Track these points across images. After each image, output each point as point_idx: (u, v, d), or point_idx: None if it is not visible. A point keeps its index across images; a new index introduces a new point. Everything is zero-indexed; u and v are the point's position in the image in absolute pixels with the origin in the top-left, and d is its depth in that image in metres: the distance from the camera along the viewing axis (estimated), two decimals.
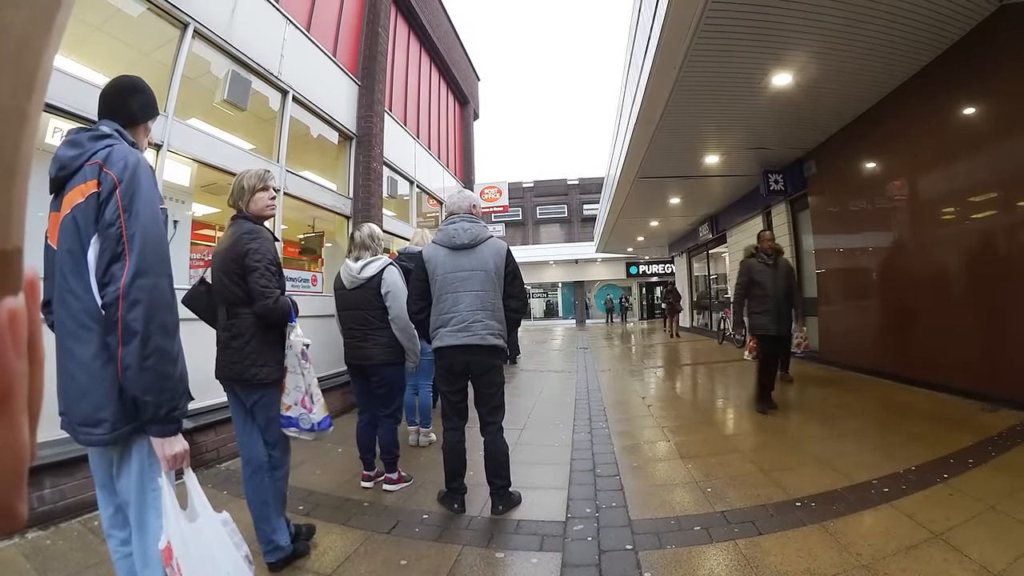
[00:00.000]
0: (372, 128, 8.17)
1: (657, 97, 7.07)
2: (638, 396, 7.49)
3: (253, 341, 2.71)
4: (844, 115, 7.92)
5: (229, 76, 5.48)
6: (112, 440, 1.65)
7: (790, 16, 5.19)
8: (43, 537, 3.08)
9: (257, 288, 2.66)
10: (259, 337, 2.73)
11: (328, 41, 7.57)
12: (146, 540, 1.70)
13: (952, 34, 5.64)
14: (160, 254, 1.65)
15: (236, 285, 2.70)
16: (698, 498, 3.53)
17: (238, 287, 2.70)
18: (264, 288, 2.66)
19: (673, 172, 10.98)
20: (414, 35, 11.23)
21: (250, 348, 2.70)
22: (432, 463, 4.31)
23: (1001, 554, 2.51)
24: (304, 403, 2.79)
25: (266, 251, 2.73)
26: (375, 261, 3.86)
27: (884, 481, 3.53)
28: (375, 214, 7.99)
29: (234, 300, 2.72)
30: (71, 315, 1.63)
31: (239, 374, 2.70)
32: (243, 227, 2.76)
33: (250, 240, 2.70)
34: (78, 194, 1.64)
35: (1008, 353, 5.33)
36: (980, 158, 5.64)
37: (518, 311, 3.54)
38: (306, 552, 2.89)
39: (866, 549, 2.67)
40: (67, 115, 3.75)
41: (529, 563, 2.78)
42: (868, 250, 8.15)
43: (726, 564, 2.66)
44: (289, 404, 2.78)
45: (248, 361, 2.69)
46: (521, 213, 38.14)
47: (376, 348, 3.78)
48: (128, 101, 1.89)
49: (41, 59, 0.27)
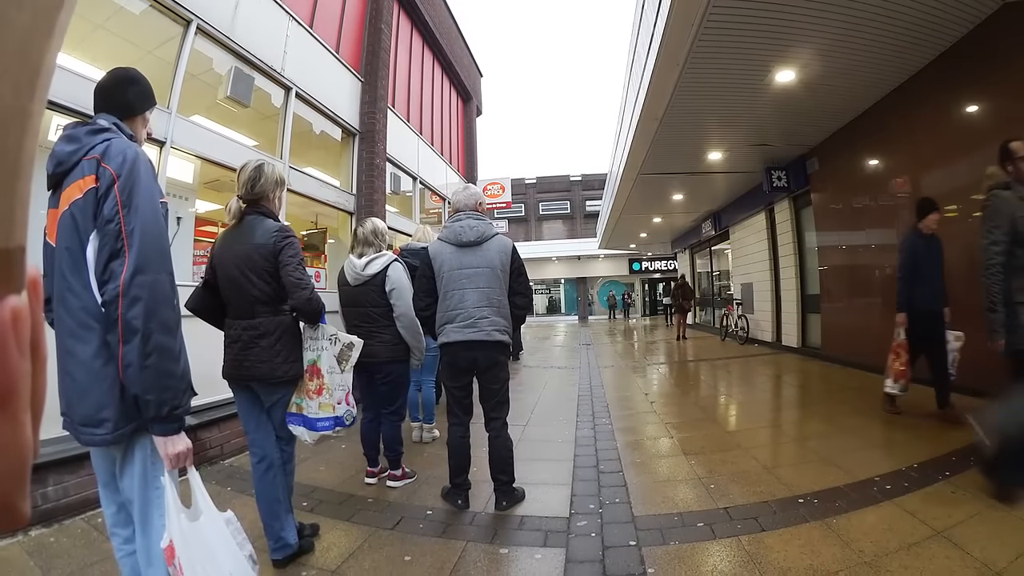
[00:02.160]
0: (375, 124, 8.17)
1: (660, 94, 7.06)
2: (641, 392, 7.49)
3: (284, 338, 2.70)
4: (847, 112, 7.89)
5: (232, 73, 5.48)
6: (114, 440, 1.64)
7: (793, 13, 5.18)
8: (47, 534, 3.10)
9: (293, 280, 2.63)
10: (289, 334, 2.73)
11: (331, 37, 7.56)
12: (150, 538, 1.70)
13: (955, 32, 5.61)
14: (160, 249, 1.63)
15: (265, 283, 2.66)
16: (701, 494, 3.53)
17: (267, 284, 2.66)
18: (300, 280, 2.64)
19: (676, 169, 10.97)
20: (416, 31, 11.21)
21: (280, 346, 2.68)
22: (436, 459, 4.32)
23: (1003, 552, 2.50)
24: (348, 399, 2.81)
25: (299, 247, 2.73)
26: (379, 258, 3.82)
27: (886, 478, 3.53)
28: (378, 210, 7.99)
29: (262, 298, 2.67)
30: (71, 313, 1.61)
31: (268, 373, 2.66)
32: (268, 223, 2.72)
33: (283, 237, 2.67)
34: (76, 190, 1.62)
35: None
36: (983, 156, 5.60)
37: (523, 308, 3.54)
38: (311, 549, 2.90)
39: (868, 546, 2.66)
40: (70, 112, 3.75)
41: (533, 559, 2.79)
42: (871, 247, 8.13)
43: (729, 560, 2.66)
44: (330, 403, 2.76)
45: (280, 359, 2.67)
46: (524, 209, 38.15)
47: (380, 345, 3.75)
48: (125, 92, 1.86)
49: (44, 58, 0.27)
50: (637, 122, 8.48)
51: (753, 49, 5.89)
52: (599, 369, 10.06)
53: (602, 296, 35.95)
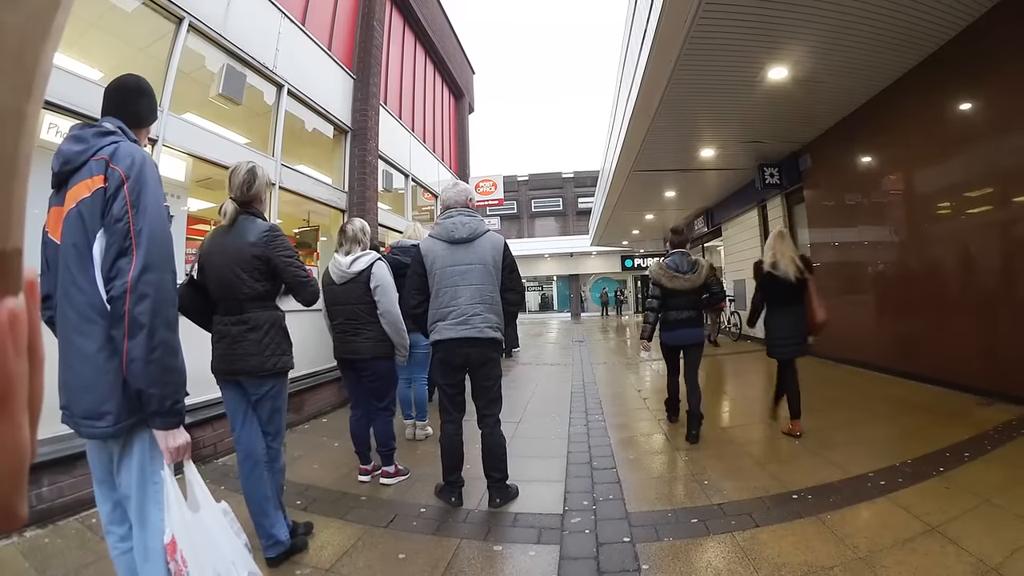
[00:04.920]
0: (367, 122, 8.14)
1: (653, 90, 7.06)
2: (634, 389, 7.53)
3: (272, 331, 2.77)
4: (840, 109, 7.91)
5: (224, 70, 5.44)
6: (115, 433, 1.66)
7: (786, 10, 5.18)
8: (41, 535, 3.07)
9: (300, 279, 2.80)
10: (277, 328, 2.80)
11: (323, 35, 7.53)
12: (147, 534, 1.71)
13: (949, 29, 5.64)
14: (166, 250, 1.68)
15: (255, 280, 2.73)
16: (695, 490, 3.55)
17: (258, 282, 2.74)
18: (306, 279, 2.81)
19: (669, 165, 10.97)
20: (409, 28, 11.17)
21: (268, 339, 2.75)
22: (429, 456, 4.32)
23: (997, 547, 2.53)
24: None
25: (289, 243, 2.86)
26: (364, 255, 3.86)
27: (880, 474, 3.56)
28: (370, 208, 7.97)
29: (251, 295, 2.73)
30: (75, 309, 1.65)
31: (257, 366, 2.71)
32: (258, 223, 2.80)
33: (274, 236, 2.77)
34: (84, 188, 1.66)
35: (1004, 347, 5.36)
36: (975, 153, 5.65)
37: (515, 304, 3.55)
38: (305, 547, 2.90)
39: (863, 541, 2.69)
40: (64, 111, 3.72)
41: (527, 556, 2.80)
42: (864, 244, 8.17)
43: (723, 556, 2.68)
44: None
45: (269, 351, 2.74)
46: (516, 206, 38.07)
47: (367, 342, 3.78)
48: (137, 102, 1.91)
49: (40, 59, 0.27)
50: (629, 119, 8.48)
51: (745, 46, 5.90)
52: (592, 366, 10.08)
53: (595, 293, 35.99)
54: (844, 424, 4.89)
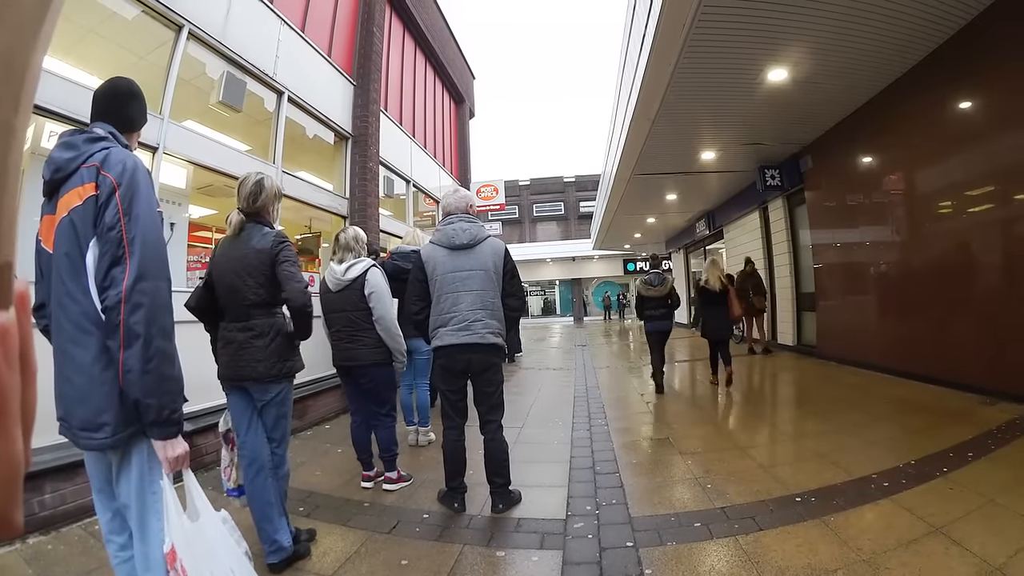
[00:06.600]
0: (368, 128, 8.15)
1: (653, 93, 7.07)
2: (636, 393, 7.50)
3: (279, 338, 2.79)
4: (840, 110, 7.92)
5: (224, 78, 5.46)
6: (113, 444, 1.64)
7: (785, 11, 5.19)
8: (44, 542, 3.08)
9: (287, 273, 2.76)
10: (282, 335, 2.81)
11: (323, 41, 7.55)
12: (147, 543, 1.70)
13: (948, 29, 5.64)
14: (160, 257, 1.66)
15: (261, 287, 2.76)
16: (698, 494, 3.54)
17: (263, 288, 2.76)
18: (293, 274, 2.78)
19: (669, 168, 10.98)
20: (409, 34, 11.20)
21: (275, 346, 2.77)
22: (432, 462, 4.31)
23: (1001, 547, 2.51)
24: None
25: (294, 251, 2.87)
26: (359, 263, 3.88)
27: (884, 475, 3.55)
28: (371, 214, 7.99)
29: (257, 302, 2.76)
30: (70, 319, 1.62)
31: (264, 372, 2.73)
32: (266, 231, 2.83)
33: (280, 242, 2.79)
34: (75, 197, 1.63)
35: (1006, 346, 5.34)
36: (976, 153, 5.65)
37: (517, 310, 3.55)
38: (307, 553, 2.89)
39: (866, 543, 2.67)
40: (64, 119, 3.74)
41: (530, 561, 2.79)
42: (865, 244, 8.16)
43: (727, 560, 2.67)
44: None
45: (276, 357, 2.76)
46: (518, 211, 38.11)
47: (364, 349, 3.80)
48: (128, 106, 1.88)
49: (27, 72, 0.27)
50: (630, 122, 8.49)
51: (745, 48, 5.91)
52: (595, 370, 10.06)
53: (597, 297, 35.97)
54: (847, 425, 4.87)
